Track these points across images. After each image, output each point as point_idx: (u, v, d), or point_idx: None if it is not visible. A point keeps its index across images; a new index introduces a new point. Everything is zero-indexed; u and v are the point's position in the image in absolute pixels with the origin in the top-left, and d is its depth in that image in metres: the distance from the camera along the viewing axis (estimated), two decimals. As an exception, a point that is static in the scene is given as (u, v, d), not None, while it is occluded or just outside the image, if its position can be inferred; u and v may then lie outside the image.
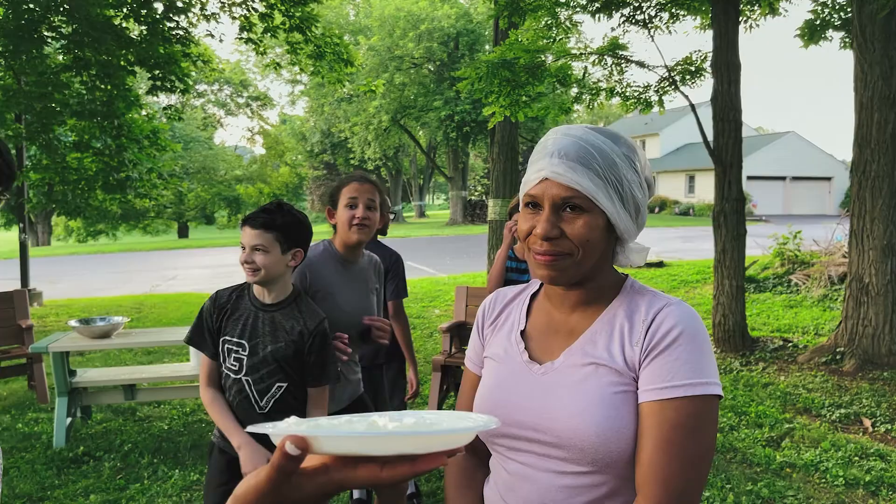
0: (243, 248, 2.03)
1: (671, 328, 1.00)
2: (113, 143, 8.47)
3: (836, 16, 8.37)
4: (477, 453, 1.24)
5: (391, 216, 3.62)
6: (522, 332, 1.17)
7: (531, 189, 1.05)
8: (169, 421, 4.70)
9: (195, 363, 4.59)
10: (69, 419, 4.25)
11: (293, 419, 0.62)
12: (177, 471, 3.80)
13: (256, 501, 0.59)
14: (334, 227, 2.40)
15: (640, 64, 7.09)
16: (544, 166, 1.03)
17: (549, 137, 1.07)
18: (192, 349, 4.60)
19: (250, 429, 0.61)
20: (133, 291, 12.63)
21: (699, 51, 7.13)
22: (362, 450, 0.57)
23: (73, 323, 4.36)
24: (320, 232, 2.51)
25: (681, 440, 0.95)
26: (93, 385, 4.43)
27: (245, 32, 9.14)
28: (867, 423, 4.54)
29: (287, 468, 0.57)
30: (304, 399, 2.11)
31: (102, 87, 8.20)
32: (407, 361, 3.38)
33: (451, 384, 4.62)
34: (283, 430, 0.58)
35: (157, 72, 8.45)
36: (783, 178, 36.34)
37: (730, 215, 6.25)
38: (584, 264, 1.04)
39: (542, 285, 1.22)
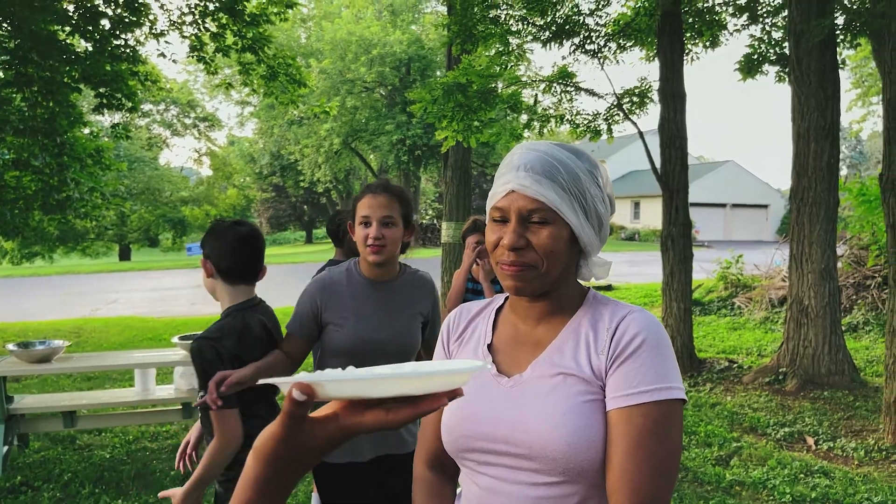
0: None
1: (635, 335, 1.02)
2: (54, 162, 8.18)
3: (771, 51, 8.79)
4: (445, 470, 1.23)
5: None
6: (489, 346, 1.17)
7: (498, 202, 1.08)
8: (111, 449, 4.50)
9: (139, 388, 4.44)
10: (6, 447, 4.04)
11: (303, 373, 0.64)
12: (120, 501, 3.64)
13: (274, 449, 0.64)
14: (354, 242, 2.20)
15: (590, 92, 7.27)
16: (510, 179, 1.06)
17: (515, 152, 1.10)
18: (136, 373, 4.44)
19: (264, 381, 0.64)
20: (72, 315, 12.14)
21: (645, 79, 7.37)
22: (364, 392, 0.60)
23: (10, 347, 4.16)
24: (273, 254, 2.42)
25: (649, 445, 0.96)
26: (30, 412, 4.23)
27: (196, 52, 9.00)
28: (810, 441, 4.69)
29: (296, 413, 0.61)
30: None
31: (45, 103, 7.93)
32: None
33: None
34: (290, 379, 0.61)
35: (104, 89, 8.23)
36: (723, 205, 37.61)
37: (677, 239, 6.42)
38: (549, 275, 1.06)
39: (506, 299, 1.23)
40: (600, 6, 6.91)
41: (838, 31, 6.43)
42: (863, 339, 7.60)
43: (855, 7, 6.59)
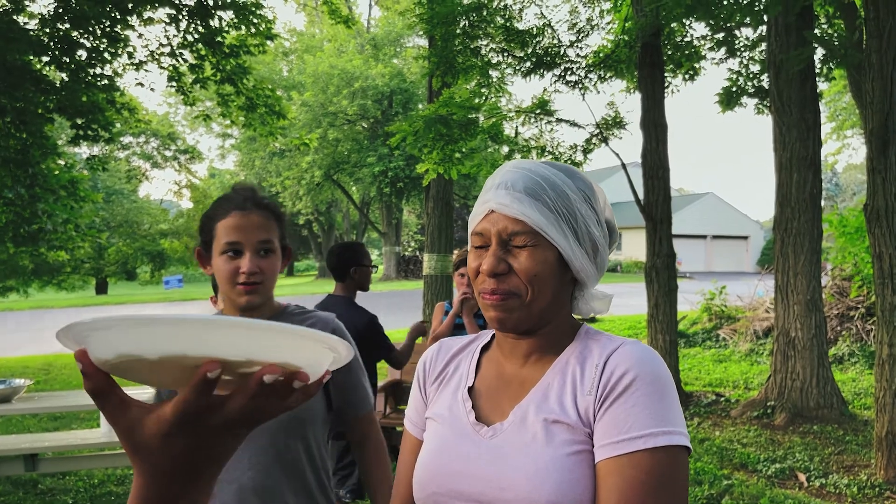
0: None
1: (626, 371, 0.88)
2: (26, 193, 7.99)
3: (750, 84, 8.90)
4: None
5: (373, 268, 3.39)
6: (470, 389, 1.04)
7: (477, 225, 0.97)
8: (74, 494, 4.27)
9: (105, 429, 4.22)
10: (-44, 496, 3.79)
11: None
12: (79, 552, 3.41)
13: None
14: (213, 279, 1.69)
15: (570, 122, 7.26)
16: (490, 198, 0.95)
17: (498, 171, 0.99)
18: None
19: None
20: (42, 351, 11.79)
21: (612, 103, 7.37)
22: (180, 346, 0.41)
23: (-34, 387, 3.94)
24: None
25: (644, 502, 0.81)
26: (-13, 456, 3.99)
27: (174, 82, 8.90)
28: (802, 477, 4.56)
29: (96, 390, 0.47)
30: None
31: (18, 134, 7.77)
32: None
33: (389, 447, 4.40)
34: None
35: (80, 120, 8.09)
36: (704, 237, 37.93)
37: (661, 271, 6.35)
38: (535, 305, 0.94)
39: (493, 336, 1.10)
40: (580, 38, 6.93)
41: (816, 64, 6.49)
42: (849, 370, 7.54)
43: (833, 41, 6.68)
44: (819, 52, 6.67)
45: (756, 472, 4.66)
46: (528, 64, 6.99)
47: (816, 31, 6.57)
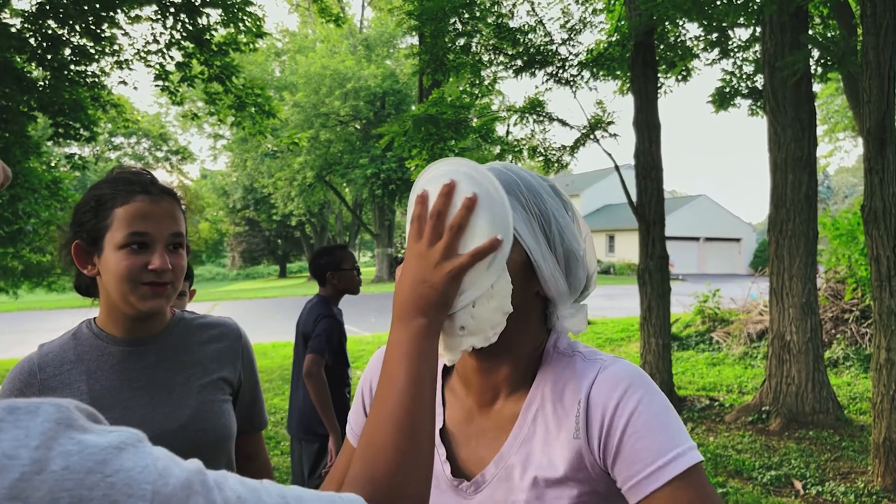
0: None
1: (618, 405, 0.77)
2: (6, 193, 7.82)
3: (743, 84, 8.82)
4: None
5: (355, 271, 3.27)
6: (441, 431, 0.91)
7: None
8: None
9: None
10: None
11: None
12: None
13: None
14: (90, 284, 1.28)
15: (561, 122, 7.14)
16: None
17: None
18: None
19: None
20: (26, 354, 11.59)
21: (610, 103, 7.27)
22: None
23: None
24: (247, 289, 2.08)
25: None
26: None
27: (161, 81, 8.76)
28: (798, 485, 4.45)
29: None
30: None
31: (-2, 132, 7.62)
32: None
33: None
34: None
35: (61, 118, 7.94)
36: (697, 239, 37.95)
37: (654, 273, 6.24)
38: None
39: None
40: (572, 36, 6.82)
41: (811, 65, 6.40)
42: (843, 374, 7.45)
43: (827, 44, 6.60)
44: (814, 53, 6.58)
45: (751, 479, 4.55)
46: (519, 62, 6.87)
47: (811, 31, 6.48)
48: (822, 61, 7.02)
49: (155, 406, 1.25)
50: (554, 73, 6.74)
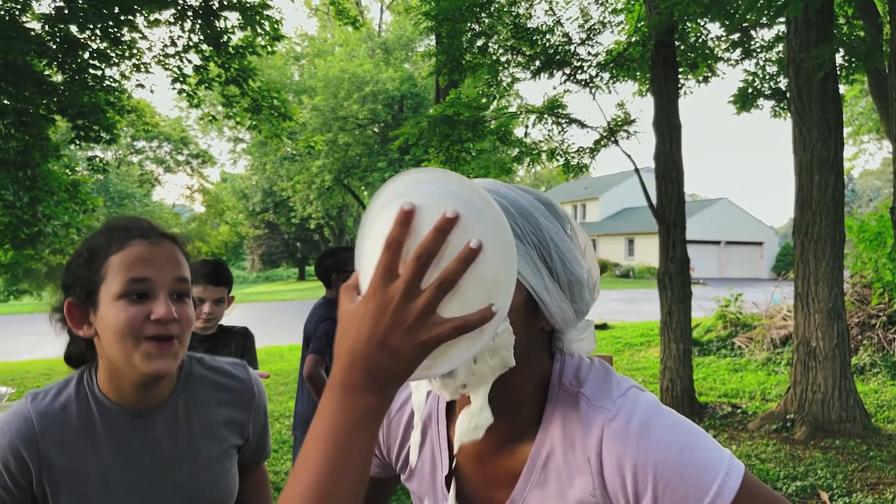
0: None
1: (636, 464, 0.70)
2: (26, 196, 7.88)
3: (766, 85, 8.65)
4: None
5: None
6: (454, 472, 0.85)
7: None
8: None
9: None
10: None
11: None
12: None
13: None
14: (85, 350, 1.16)
15: (580, 123, 7.05)
16: None
17: None
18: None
19: None
20: (48, 355, 11.69)
21: (629, 104, 7.16)
22: None
23: (-56, 396, 3.79)
24: (266, 291, 2.01)
25: None
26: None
27: (178, 84, 8.80)
28: (824, 496, 4.31)
29: None
30: None
31: (18, 135, 7.68)
32: None
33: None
34: None
35: (81, 121, 7.99)
36: (718, 243, 37.53)
37: (675, 277, 6.11)
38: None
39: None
40: (591, 35, 6.72)
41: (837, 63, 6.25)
42: (870, 381, 7.25)
43: (853, 43, 6.44)
44: (840, 54, 6.43)
45: (776, 489, 4.41)
46: (537, 63, 6.79)
47: (835, 31, 6.32)
48: (848, 60, 6.86)
49: (161, 483, 1.15)
50: (572, 73, 6.64)
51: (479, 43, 6.61)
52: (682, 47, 7.50)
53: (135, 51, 8.36)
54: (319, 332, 2.99)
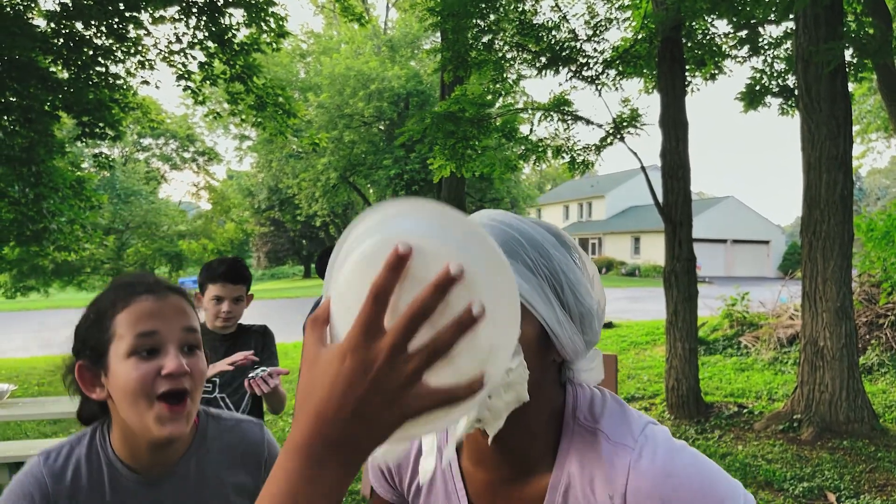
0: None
1: (663, 500, 0.72)
2: (31, 192, 7.88)
3: (774, 82, 8.57)
4: None
5: None
6: None
7: None
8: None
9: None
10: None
11: None
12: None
13: None
14: (97, 411, 1.15)
15: (587, 121, 6.99)
16: None
17: None
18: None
19: None
20: (54, 352, 11.71)
21: (635, 100, 7.10)
22: None
23: (-53, 392, 3.78)
24: (271, 288, 2.01)
25: None
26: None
27: (183, 80, 8.78)
28: (832, 497, 4.26)
29: None
30: None
31: (23, 132, 7.68)
32: None
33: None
34: None
35: (86, 118, 7.98)
36: (724, 241, 37.36)
37: (681, 275, 6.06)
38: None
39: None
40: (597, 32, 6.66)
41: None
42: (878, 381, 7.19)
43: (862, 39, 6.36)
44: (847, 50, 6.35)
45: (782, 490, 4.37)
46: (542, 59, 6.74)
47: (844, 28, 6.25)
48: (857, 56, 6.79)
49: None
50: (578, 70, 6.59)
51: (485, 39, 6.56)
52: (690, 44, 7.44)
53: (140, 47, 8.34)
54: None
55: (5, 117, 7.58)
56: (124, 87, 8.50)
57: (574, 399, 0.80)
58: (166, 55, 8.66)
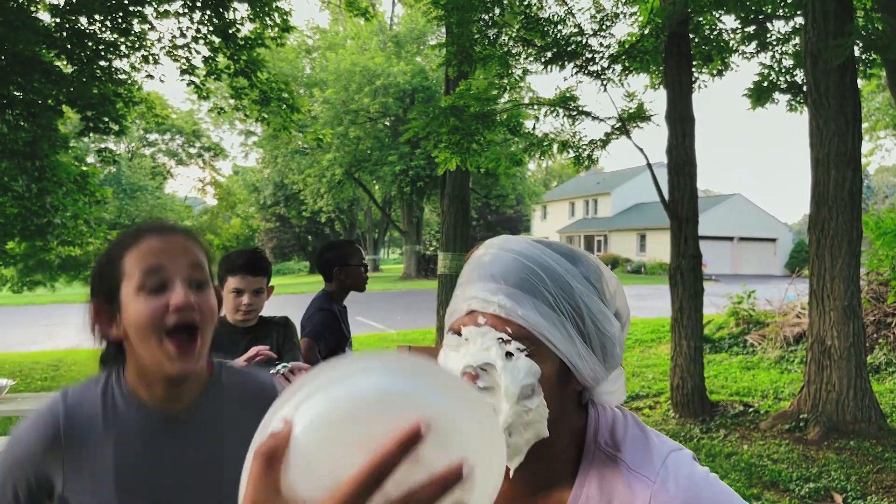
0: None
1: None
2: (35, 187, 7.87)
3: (782, 79, 8.48)
4: None
5: (363, 267, 3.20)
6: None
7: (455, 322, 0.74)
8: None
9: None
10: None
11: None
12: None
13: None
14: (118, 345, 1.15)
15: (592, 116, 6.93)
16: (473, 293, 0.73)
17: (482, 253, 0.76)
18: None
19: None
20: (58, 346, 11.73)
21: (641, 95, 7.02)
22: None
23: (-55, 386, 3.76)
24: (277, 284, 1.98)
25: None
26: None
27: (187, 75, 8.76)
28: (838, 498, 4.21)
29: None
30: None
31: (26, 126, 7.66)
32: None
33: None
34: None
35: (90, 112, 7.96)
36: (731, 239, 37.20)
37: (686, 272, 6.00)
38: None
39: None
40: (604, 27, 6.60)
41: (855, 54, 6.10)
42: (886, 381, 7.12)
43: (871, 35, 6.28)
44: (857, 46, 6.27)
45: (788, 491, 4.32)
46: (548, 54, 6.67)
47: (854, 23, 6.17)
48: (866, 51, 6.70)
49: (182, 486, 1.13)
50: (583, 65, 6.52)
51: (490, 34, 6.50)
52: (697, 39, 7.36)
53: (144, 42, 8.32)
54: (315, 319, 2.98)
55: (9, 111, 7.57)
56: (128, 81, 8.48)
57: (595, 422, 0.80)
58: (170, 49, 8.64)
